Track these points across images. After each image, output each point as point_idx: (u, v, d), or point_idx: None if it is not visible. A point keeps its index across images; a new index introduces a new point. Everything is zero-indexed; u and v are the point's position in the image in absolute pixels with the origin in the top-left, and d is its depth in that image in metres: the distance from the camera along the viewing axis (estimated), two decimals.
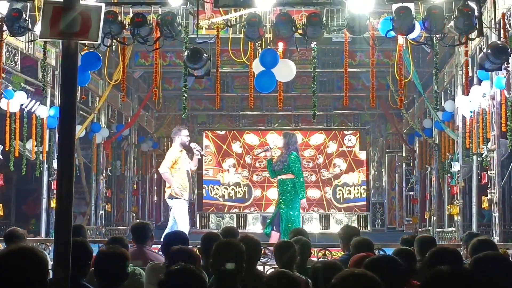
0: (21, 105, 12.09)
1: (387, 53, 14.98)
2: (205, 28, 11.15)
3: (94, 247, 4.86)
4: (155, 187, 20.82)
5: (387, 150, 20.53)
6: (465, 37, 8.54)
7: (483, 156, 11.15)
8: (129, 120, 17.74)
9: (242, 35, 9.57)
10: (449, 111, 13.63)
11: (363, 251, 5.43)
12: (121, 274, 4.43)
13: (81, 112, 14.44)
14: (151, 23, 8.77)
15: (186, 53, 9.18)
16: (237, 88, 18.73)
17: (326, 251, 8.86)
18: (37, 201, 13.84)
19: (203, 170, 19.90)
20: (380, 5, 8.98)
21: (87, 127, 14.67)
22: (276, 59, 9.58)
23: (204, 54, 9.11)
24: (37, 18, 8.69)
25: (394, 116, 18.64)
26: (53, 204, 11.90)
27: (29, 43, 11.12)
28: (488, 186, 10.83)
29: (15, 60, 11.33)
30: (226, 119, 20.74)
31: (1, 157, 11.94)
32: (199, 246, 6.16)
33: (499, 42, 8.85)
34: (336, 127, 20.52)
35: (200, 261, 5.44)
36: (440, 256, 4.47)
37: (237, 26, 10.12)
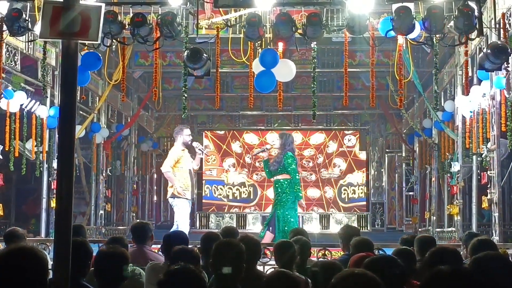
0: (21, 105, 12.08)
1: (387, 53, 14.97)
2: (205, 28, 11.14)
3: (94, 247, 4.86)
4: (155, 187, 20.82)
5: (387, 150, 20.52)
6: (465, 37, 8.54)
7: (483, 156, 11.15)
8: (129, 120, 17.73)
9: (242, 35, 9.56)
10: (449, 111, 13.63)
11: (363, 251, 5.44)
12: (121, 274, 4.43)
13: (81, 112, 14.42)
14: (151, 23, 8.76)
15: (186, 53, 9.18)
16: (237, 88, 18.71)
17: (326, 251, 8.84)
18: (37, 201, 13.84)
19: (203, 170, 19.87)
20: (380, 5, 8.97)
21: (87, 127, 14.67)
22: (276, 59, 9.57)
23: (204, 54, 9.10)
24: (37, 18, 8.67)
25: (394, 116, 18.62)
26: (53, 204, 11.90)
27: (29, 43, 11.11)
28: (488, 186, 10.83)
29: (15, 60, 11.33)
30: (226, 119, 20.73)
31: (1, 157, 11.94)
32: (199, 246, 6.16)
33: (499, 42, 8.85)
34: (336, 127, 20.50)
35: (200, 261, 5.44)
36: (440, 256, 4.47)
37: (237, 26, 10.12)
